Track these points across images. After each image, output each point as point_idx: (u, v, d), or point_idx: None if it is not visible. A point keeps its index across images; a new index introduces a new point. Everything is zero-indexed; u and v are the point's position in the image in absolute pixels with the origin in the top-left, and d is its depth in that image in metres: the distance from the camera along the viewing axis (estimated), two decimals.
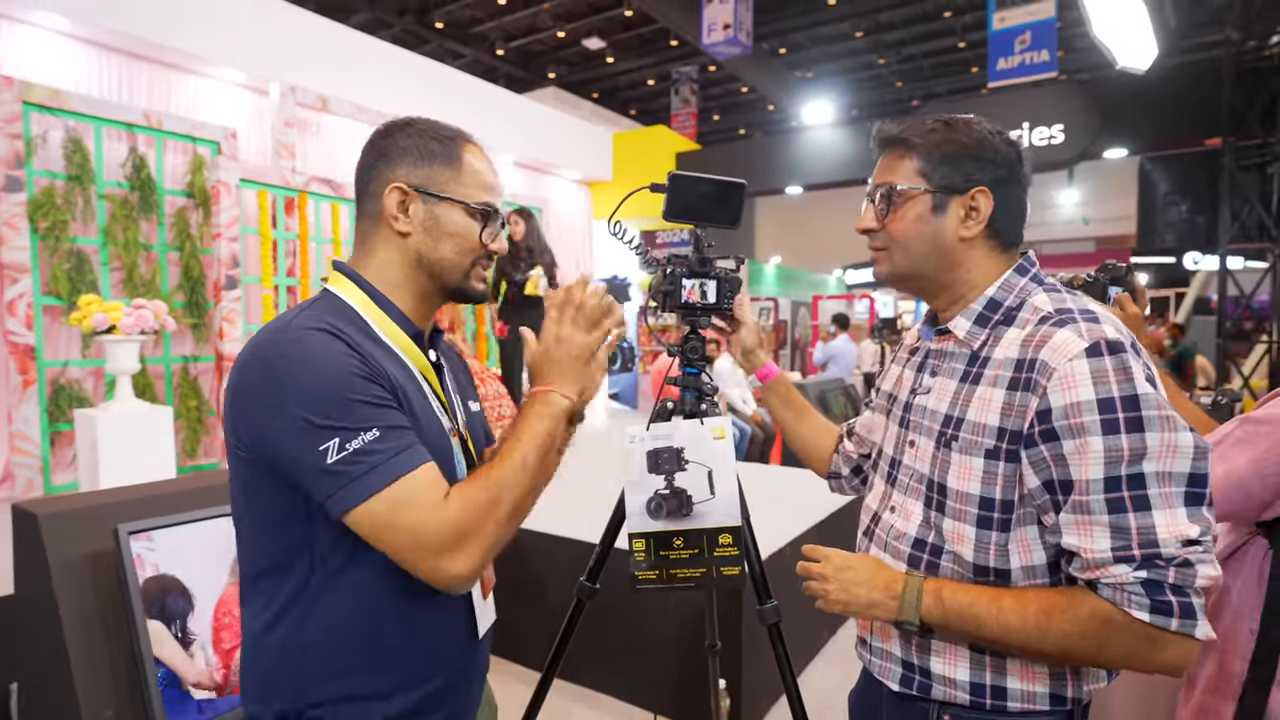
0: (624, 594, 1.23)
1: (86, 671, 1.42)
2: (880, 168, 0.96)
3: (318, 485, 0.76)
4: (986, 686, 0.88)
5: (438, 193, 0.89)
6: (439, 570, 0.76)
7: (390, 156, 0.90)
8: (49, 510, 1.47)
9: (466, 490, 0.79)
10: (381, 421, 0.77)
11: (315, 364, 0.77)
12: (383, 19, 11.99)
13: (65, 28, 4.40)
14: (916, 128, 0.93)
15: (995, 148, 0.91)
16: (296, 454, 0.76)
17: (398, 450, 0.77)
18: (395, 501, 0.75)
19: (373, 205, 0.91)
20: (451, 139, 0.92)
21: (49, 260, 4.01)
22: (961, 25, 12.41)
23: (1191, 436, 0.76)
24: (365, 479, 0.75)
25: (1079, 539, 0.78)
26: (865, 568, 0.91)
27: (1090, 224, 16.36)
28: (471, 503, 0.78)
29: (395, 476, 0.76)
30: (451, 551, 0.76)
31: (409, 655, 0.87)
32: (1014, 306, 0.89)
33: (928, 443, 0.93)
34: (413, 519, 0.76)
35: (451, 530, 0.76)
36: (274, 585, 0.84)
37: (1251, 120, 6.67)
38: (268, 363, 0.78)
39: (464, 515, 0.77)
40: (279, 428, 0.76)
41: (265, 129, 5.44)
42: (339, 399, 0.76)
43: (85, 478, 3.33)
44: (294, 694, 0.83)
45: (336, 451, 0.74)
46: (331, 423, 0.75)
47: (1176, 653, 0.76)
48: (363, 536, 0.77)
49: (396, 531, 0.76)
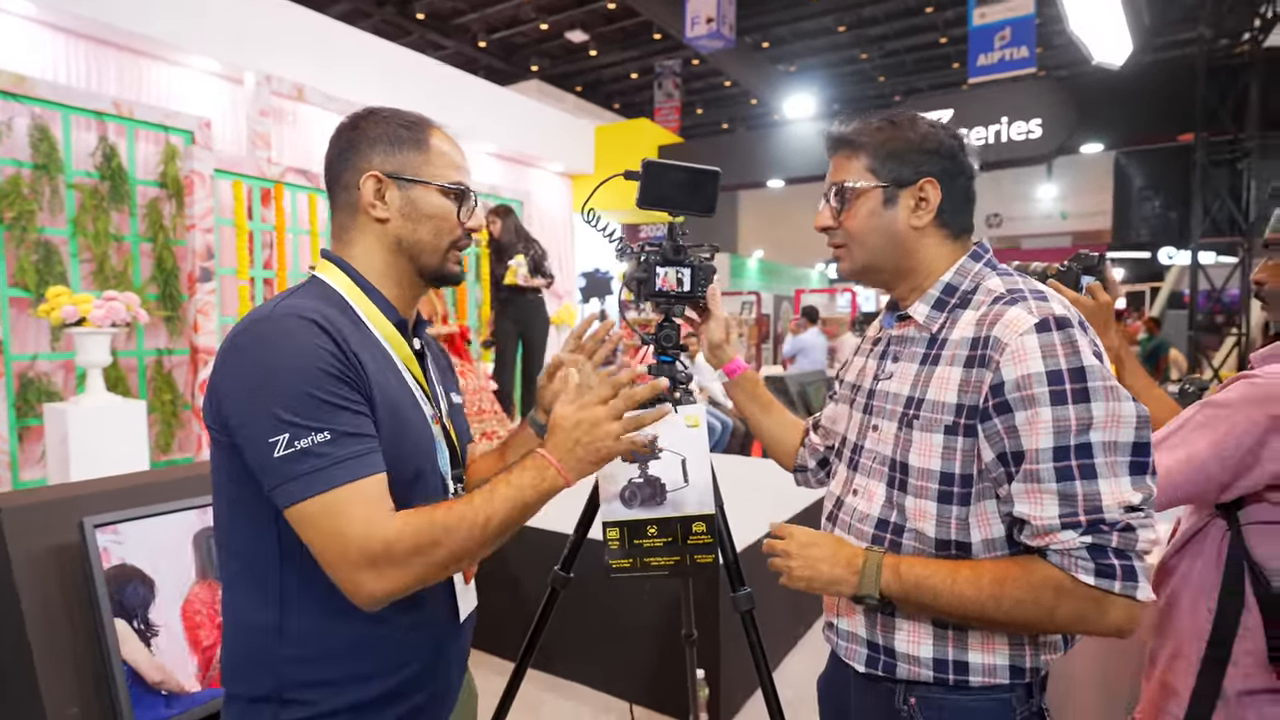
0: (600, 583, 1.23)
1: (50, 668, 1.39)
2: (833, 168, 1.01)
3: (264, 475, 0.78)
4: (949, 662, 0.90)
5: (412, 177, 0.91)
6: (353, 584, 0.77)
7: (360, 146, 0.91)
8: (12, 504, 1.44)
9: (414, 521, 0.78)
10: (336, 425, 0.77)
11: (288, 354, 0.78)
12: (363, 9, 11.84)
13: (31, 13, 4.29)
14: (863, 128, 0.97)
15: (939, 140, 0.94)
16: (252, 439, 0.77)
17: (344, 458, 0.77)
18: (328, 508, 0.76)
19: (348, 196, 0.92)
20: (417, 123, 0.94)
21: (15, 251, 3.92)
22: (943, 21, 12.50)
23: (1134, 406, 0.80)
24: (306, 479, 0.76)
25: (1029, 507, 0.81)
26: (828, 544, 0.93)
27: (1068, 218, 16.59)
28: (412, 534, 0.77)
29: (334, 484, 0.76)
30: (372, 570, 0.76)
31: (389, 640, 0.88)
32: (969, 290, 0.93)
33: (890, 425, 0.95)
34: (340, 528, 0.76)
35: (379, 550, 0.76)
36: (252, 572, 0.85)
37: (1223, 116, 6.79)
38: (247, 347, 0.80)
39: (399, 542, 0.76)
40: (245, 410, 0.78)
41: (240, 118, 5.35)
42: (301, 393, 0.76)
43: (54, 473, 3.27)
44: (274, 678, 0.84)
45: (284, 447, 0.76)
46: (289, 416, 0.76)
47: (1120, 615, 0.79)
48: (297, 534, 0.78)
49: (324, 537, 0.76)
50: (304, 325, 0.79)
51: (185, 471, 1.78)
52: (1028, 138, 7.38)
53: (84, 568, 1.44)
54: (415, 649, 0.90)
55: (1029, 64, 7.91)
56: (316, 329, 0.79)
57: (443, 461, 0.95)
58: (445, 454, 0.96)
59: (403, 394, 0.89)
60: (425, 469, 0.90)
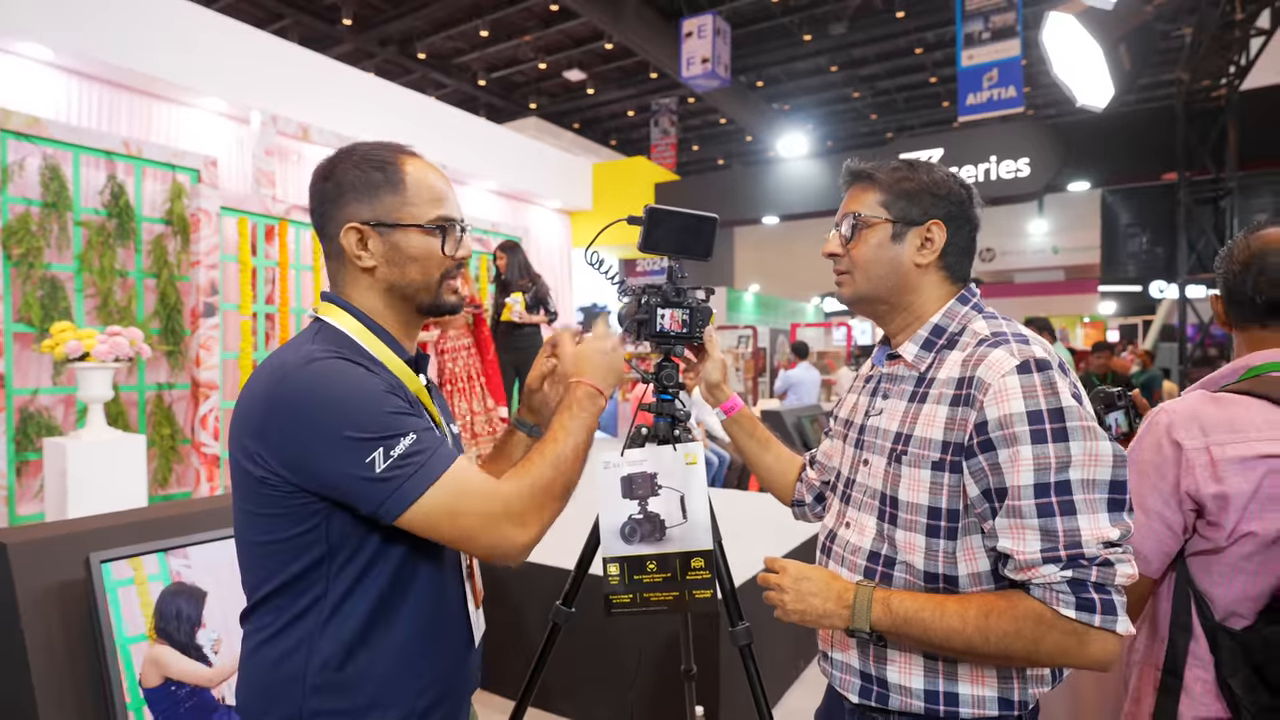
0: (600, 620, 1.24)
1: (53, 705, 1.39)
2: (847, 199, 1.06)
3: (368, 495, 0.81)
4: (940, 693, 0.92)
5: (393, 222, 0.91)
6: (506, 539, 0.85)
7: (336, 197, 0.91)
8: (18, 540, 1.46)
9: (525, 473, 0.89)
10: (415, 427, 0.84)
11: (349, 389, 0.82)
12: (366, 50, 12.13)
13: (48, 58, 4.42)
14: (882, 166, 1.03)
15: (950, 187, 1.00)
16: (342, 471, 0.80)
17: (434, 448, 0.84)
18: (451, 489, 0.83)
19: (333, 246, 0.93)
20: (391, 162, 0.92)
21: (21, 287, 3.97)
22: (932, 61, 12.85)
23: (1111, 446, 0.83)
24: (417, 477, 0.81)
25: (1012, 542, 0.84)
26: (820, 579, 0.95)
27: (1060, 253, 16.83)
28: (530, 482, 0.88)
29: (443, 469, 0.83)
30: (513, 522, 0.85)
31: (410, 668, 0.90)
32: (956, 332, 0.97)
33: (880, 460, 0.99)
34: (469, 503, 0.84)
35: (513, 503, 0.86)
36: (280, 605, 0.87)
37: (1203, 156, 6.98)
38: (301, 393, 0.81)
39: (526, 491, 0.87)
40: (322, 450, 0.80)
41: (246, 157, 5.46)
42: (375, 413, 0.81)
43: (52, 507, 3.26)
44: (296, 708, 0.85)
45: (383, 459, 0.80)
46: (371, 435, 0.80)
47: (1100, 647, 0.81)
48: (419, 531, 0.83)
49: (457, 516, 0.83)
50: (342, 363, 0.84)
51: (187, 507, 1.79)
52: (1016, 176, 7.56)
53: (89, 603, 1.45)
54: (434, 675, 0.92)
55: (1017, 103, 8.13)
56: (353, 365, 0.85)
57: None
58: None
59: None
60: None
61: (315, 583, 0.85)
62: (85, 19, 4.40)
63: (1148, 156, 7.39)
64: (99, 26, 4.46)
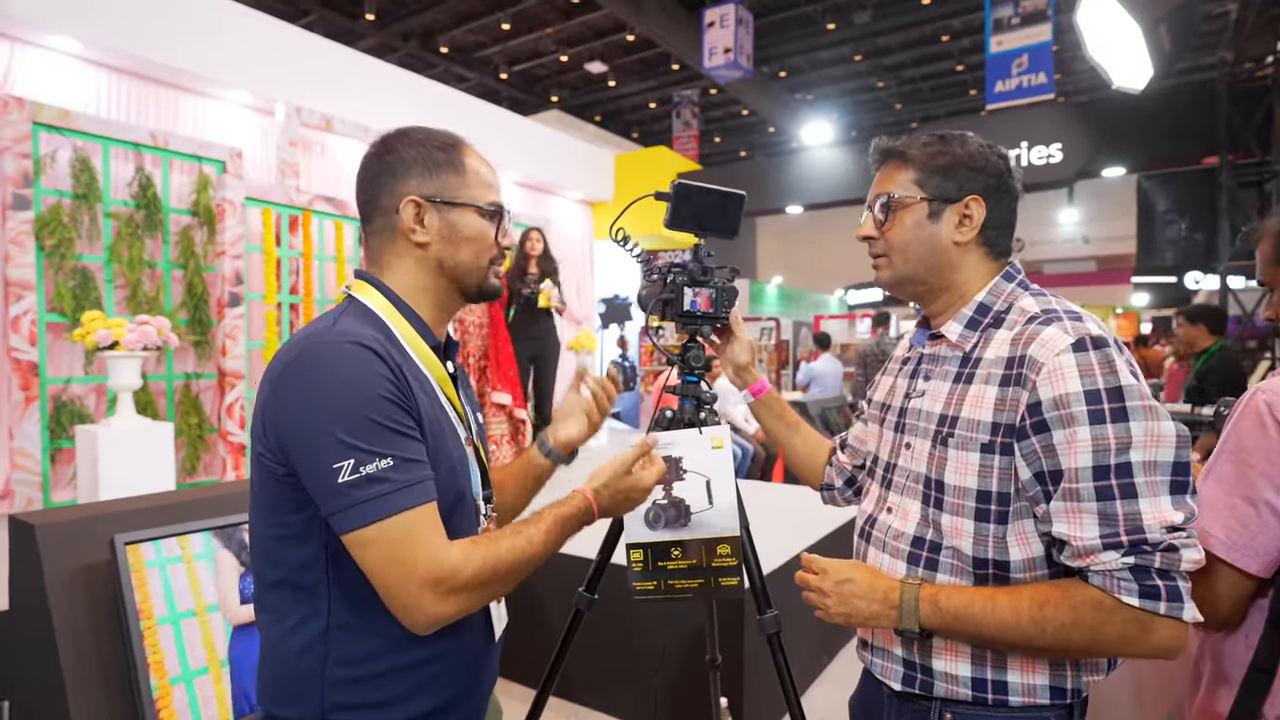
0: (623, 608, 1.22)
1: (80, 686, 1.40)
2: (879, 179, 1.01)
3: (325, 499, 0.78)
4: (988, 681, 0.89)
5: (451, 199, 0.91)
6: (415, 608, 0.78)
7: (397, 171, 0.91)
8: (46, 521, 1.47)
9: (477, 552, 0.82)
10: (399, 451, 0.79)
11: (348, 378, 0.78)
12: (389, 43, 12.20)
13: (78, 51, 4.48)
14: (913, 142, 0.98)
15: (987, 159, 0.95)
16: (313, 463, 0.78)
17: (407, 484, 0.78)
18: (393, 534, 0.77)
19: (385, 220, 0.92)
20: (453, 145, 0.94)
21: (54, 277, 4.04)
22: (959, 49, 12.58)
23: (1174, 426, 0.79)
24: (370, 505, 0.76)
25: (1069, 527, 0.80)
26: (863, 580, 0.91)
27: (1091, 243, 16.43)
28: (477, 563, 0.81)
29: (399, 509, 0.77)
30: (435, 594, 0.78)
31: (432, 661, 0.88)
32: (1002, 310, 0.93)
33: (924, 443, 0.95)
34: (405, 554, 0.77)
35: (444, 575, 0.78)
36: (293, 592, 0.85)
37: (1247, 138, 6.72)
38: (305, 368, 0.79)
39: (464, 569, 0.79)
40: (305, 431, 0.78)
41: (270, 148, 5.51)
42: (364, 418, 0.77)
43: (85, 494, 3.32)
44: (313, 699, 0.84)
45: (350, 472, 0.76)
46: (352, 441, 0.76)
47: (1166, 635, 0.78)
48: (354, 558, 0.79)
49: (387, 562, 0.77)
50: (362, 351, 0.80)
51: (213, 491, 1.80)
52: (1048, 162, 7.36)
53: (114, 585, 1.46)
54: (455, 669, 0.91)
55: (1047, 90, 7.91)
56: (374, 356, 0.80)
57: (475, 483, 0.96)
58: (477, 475, 0.97)
59: (441, 417, 0.89)
60: (464, 491, 0.91)
61: (333, 572, 0.83)
62: (114, 13, 4.46)
63: (1188, 139, 7.13)
64: (128, 20, 4.51)
